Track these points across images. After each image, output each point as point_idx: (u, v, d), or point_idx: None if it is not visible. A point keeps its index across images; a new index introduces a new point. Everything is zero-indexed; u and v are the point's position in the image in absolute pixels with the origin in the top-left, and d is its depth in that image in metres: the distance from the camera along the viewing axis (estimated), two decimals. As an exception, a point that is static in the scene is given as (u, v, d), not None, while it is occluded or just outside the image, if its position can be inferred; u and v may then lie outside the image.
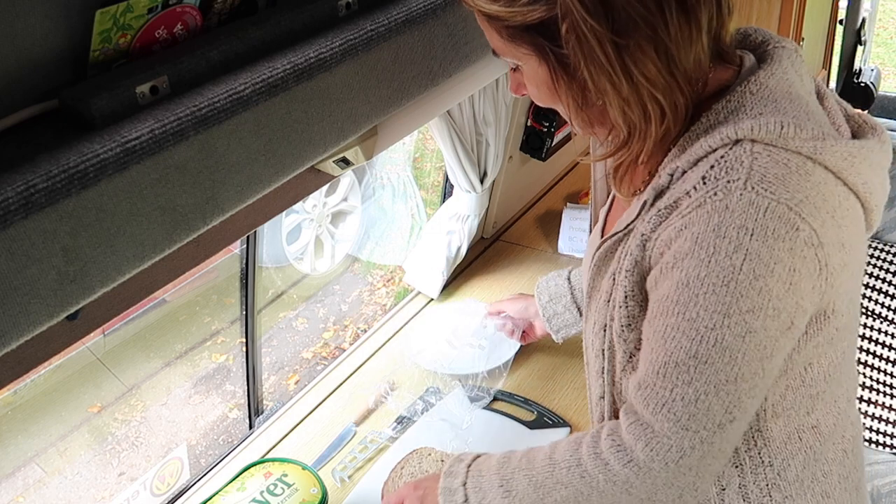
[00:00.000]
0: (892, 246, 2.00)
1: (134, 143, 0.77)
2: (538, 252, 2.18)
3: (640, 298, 0.99)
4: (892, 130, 1.51)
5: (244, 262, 1.74)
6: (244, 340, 1.79)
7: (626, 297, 0.99)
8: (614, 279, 1.02)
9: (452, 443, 1.57)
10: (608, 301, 1.03)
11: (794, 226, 0.87)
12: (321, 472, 1.54)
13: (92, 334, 2.85)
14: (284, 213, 3.64)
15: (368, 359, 1.86)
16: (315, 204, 3.86)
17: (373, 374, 1.81)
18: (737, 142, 0.90)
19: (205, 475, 1.61)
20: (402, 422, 1.65)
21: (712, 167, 0.90)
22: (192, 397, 3.43)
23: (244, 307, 1.77)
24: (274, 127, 0.91)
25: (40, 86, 0.79)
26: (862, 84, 3.17)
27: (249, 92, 0.86)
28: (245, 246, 1.73)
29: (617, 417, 1.07)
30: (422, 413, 1.67)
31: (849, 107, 1.05)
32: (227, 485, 1.48)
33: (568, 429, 1.63)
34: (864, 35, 3.22)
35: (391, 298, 4.07)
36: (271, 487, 1.46)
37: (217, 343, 3.64)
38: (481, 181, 1.98)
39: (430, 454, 1.53)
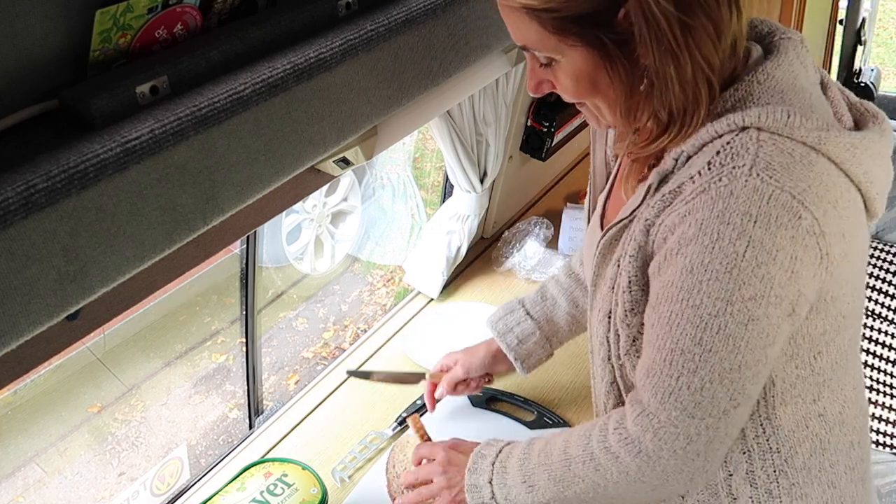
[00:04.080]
0: (892, 246, 2.00)
1: (134, 143, 0.77)
2: (538, 252, 2.18)
3: (642, 283, 1.00)
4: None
5: (244, 262, 1.74)
6: (244, 340, 1.79)
7: (629, 282, 1.00)
8: (618, 265, 1.02)
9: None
10: (612, 288, 1.04)
11: (796, 214, 0.88)
12: (321, 472, 1.54)
13: (92, 334, 2.85)
14: (284, 213, 3.64)
15: (368, 359, 1.86)
16: (315, 204, 3.86)
17: (373, 374, 1.81)
18: (743, 129, 0.91)
19: (205, 475, 1.61)
20: (403, 422, 1.65)
21: (718, 153, 0.91)
22: (192, 397, 3.43)
23: (244, 307, 1.77)
24: (274, 127, 0.91)
25: (40, 86, 0.79)
26: (862, 84, 3.15)
27: (249, 92, 0.86)
28: (245, 246, 1.73)
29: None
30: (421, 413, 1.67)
31: (851, 95, 1.05)
32: (227, 485, 1.48)
33: (567, 428, 1.62)
34: (864, 35, 3.21)
35: (391, 298, 4.07)
36: (271, 487, 1.46)
37: (217, 343, 3.64)
38: (481, 181, 1.98)
39: (409, 441, 1.52)
